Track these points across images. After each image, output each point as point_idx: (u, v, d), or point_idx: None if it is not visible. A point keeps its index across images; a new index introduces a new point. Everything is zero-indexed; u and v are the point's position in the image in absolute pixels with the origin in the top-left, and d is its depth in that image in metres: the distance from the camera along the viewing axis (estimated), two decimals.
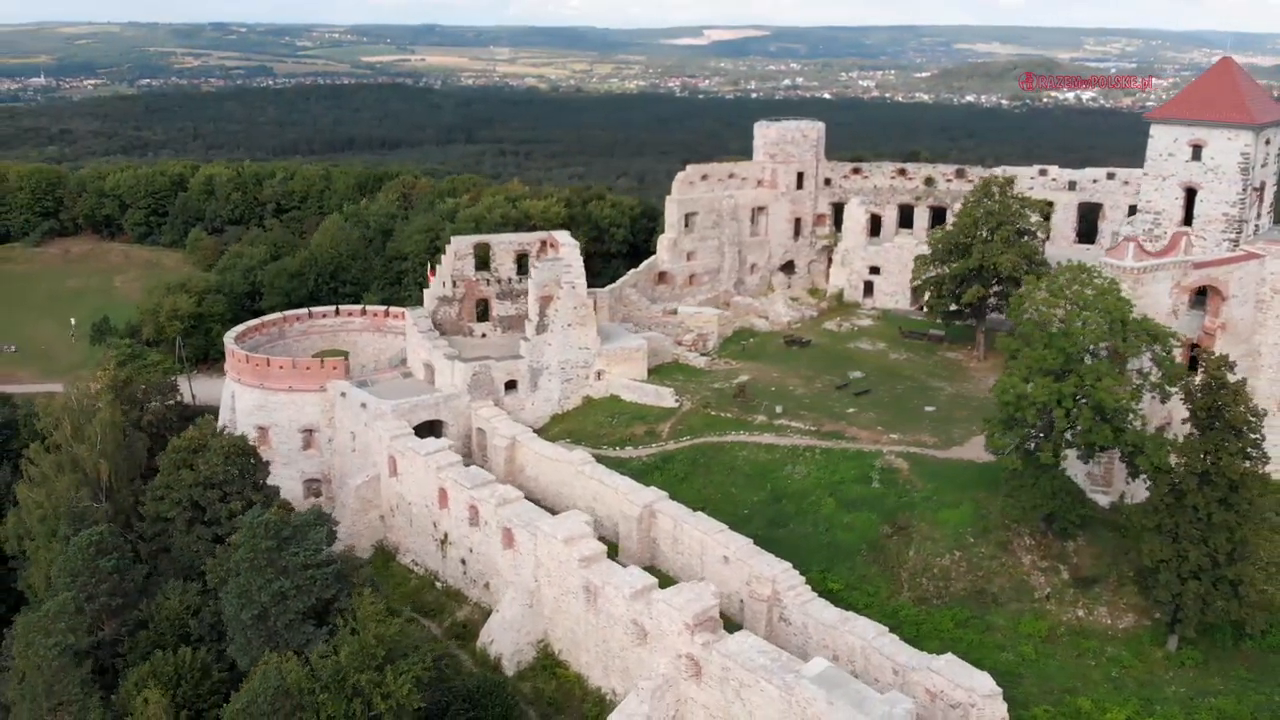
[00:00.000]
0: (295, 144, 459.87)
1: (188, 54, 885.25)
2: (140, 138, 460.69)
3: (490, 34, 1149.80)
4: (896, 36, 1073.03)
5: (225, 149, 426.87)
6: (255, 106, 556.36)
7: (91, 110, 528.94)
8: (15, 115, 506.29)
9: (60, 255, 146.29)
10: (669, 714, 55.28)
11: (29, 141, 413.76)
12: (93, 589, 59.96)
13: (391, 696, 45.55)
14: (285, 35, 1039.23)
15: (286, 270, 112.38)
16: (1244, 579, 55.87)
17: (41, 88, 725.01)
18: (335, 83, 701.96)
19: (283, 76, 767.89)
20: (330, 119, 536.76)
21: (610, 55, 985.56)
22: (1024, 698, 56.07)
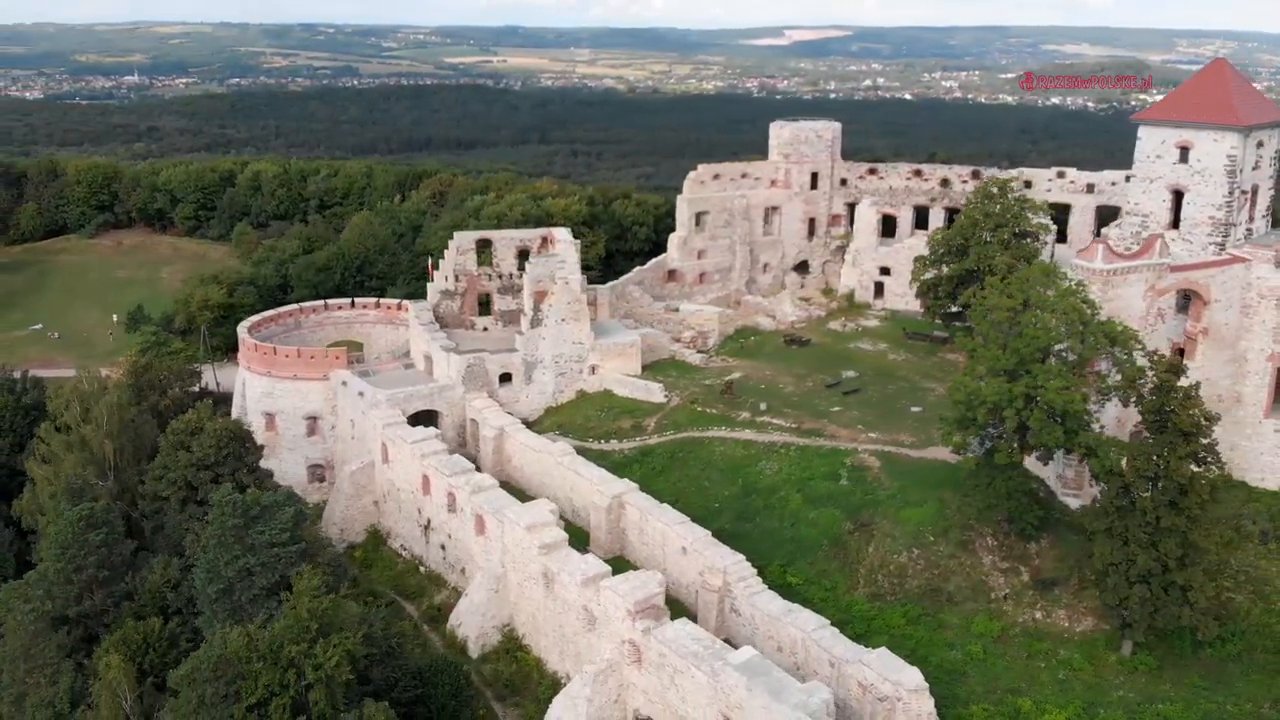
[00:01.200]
0: (374, 143, 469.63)
1: (276, 54, 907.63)
2: (225, 135, 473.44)
3: (571, 35, 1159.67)
4: (982, 37, 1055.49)
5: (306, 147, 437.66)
6: (338, 106, 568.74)
7: (180, 108, 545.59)
8: (107, 112, 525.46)
9: (113, 247, 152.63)
10: (611, 698, 56.68)
11: (118, 138, 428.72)
12: (81, 560, 63.25)
13: (322, 668, 47.65)
14: (372, 36, 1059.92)
15: (315, 264, 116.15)
16: (1193, 584, 55.35)
17: (135, 86, 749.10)
18: (417, 83, 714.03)
19: (367, 77, 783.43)
20: (410, 119, 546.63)
21: (689, 56, 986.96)
22: (965, 696, 56.42)
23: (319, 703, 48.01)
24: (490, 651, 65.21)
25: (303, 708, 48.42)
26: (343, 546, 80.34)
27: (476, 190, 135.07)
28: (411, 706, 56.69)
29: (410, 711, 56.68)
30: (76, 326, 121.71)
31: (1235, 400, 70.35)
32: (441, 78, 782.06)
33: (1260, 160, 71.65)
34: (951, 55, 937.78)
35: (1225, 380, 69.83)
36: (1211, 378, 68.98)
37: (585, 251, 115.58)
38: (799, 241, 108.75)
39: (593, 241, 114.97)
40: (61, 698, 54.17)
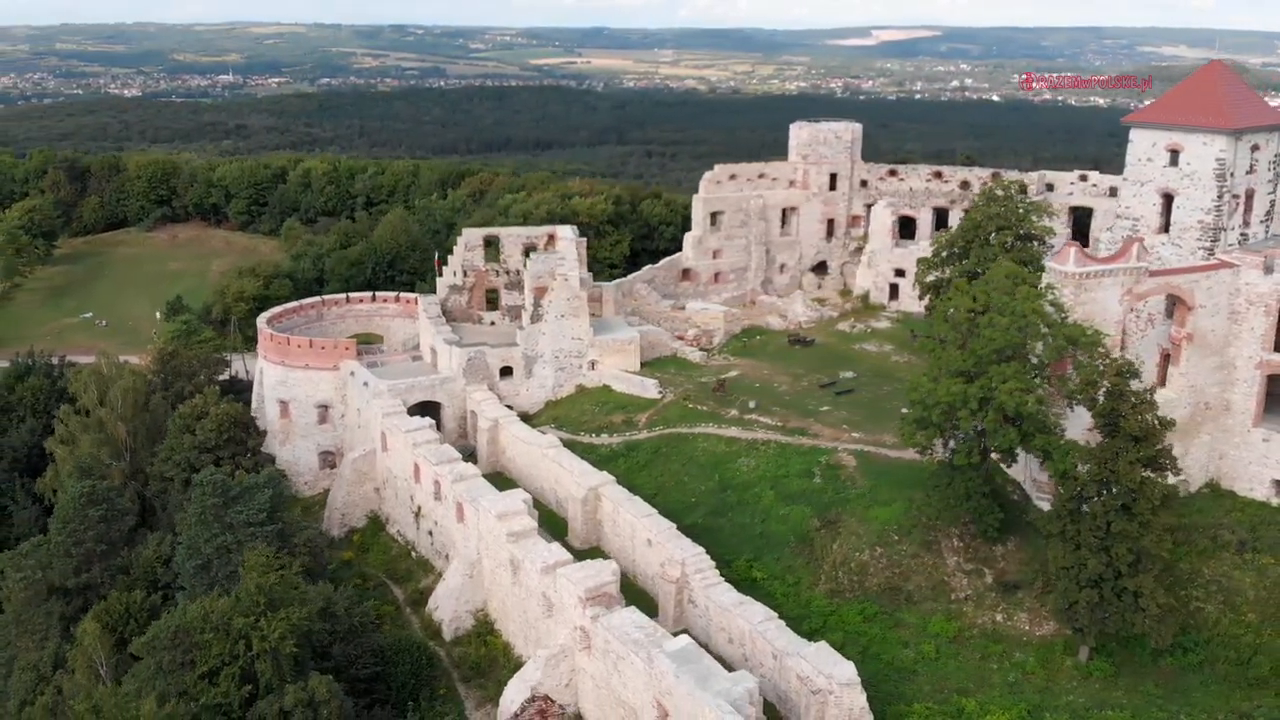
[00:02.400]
0: (455, 143, 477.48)
1: (367, 54, 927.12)
2: (310, 134, 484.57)
3: (657, 36, 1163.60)
4: (1076, 38, 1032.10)
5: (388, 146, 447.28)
6: (421, 107, 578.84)
7: (269, 107, 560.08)
8: (199, 110, 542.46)
9: (168, 240, 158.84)
10: (563, 682, 58.22)
11: (207, 135, 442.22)
12: (80, 534, 66.95)
13: (267, 639, 50.07)
14: (460, 38, 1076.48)
15: (348, 259, 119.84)
16: (1144, 591, 54.94)
17: (229, 85, 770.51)
18: (499, 84, 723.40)
19: (454, 77, 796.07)
20: (491, 120, 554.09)
21: (774, 56, 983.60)
22: (912, 695, 56.78)
23: (265, 673, 50.38)
24: (463, 635, 67.22)
25: (251, 677, 50.87)
26: (344, 531, 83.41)
27: (513, 189, 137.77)
28: (371, 683, 59.11)
29: (370, 688, 59.10)
30: (125, 316, 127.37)
31: (1224, 408, 69.16)
32: (525, 79, 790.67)
33: (1255, 164, 70.28)
34: (1043, 56, 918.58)
35: (1213, 387, 68.67)
36: (1198, 384, 68.01)
37: (610, 250, 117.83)
38: (817, 242, 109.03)
39: (617, 240, 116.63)
40: (45, 661, 57.63)
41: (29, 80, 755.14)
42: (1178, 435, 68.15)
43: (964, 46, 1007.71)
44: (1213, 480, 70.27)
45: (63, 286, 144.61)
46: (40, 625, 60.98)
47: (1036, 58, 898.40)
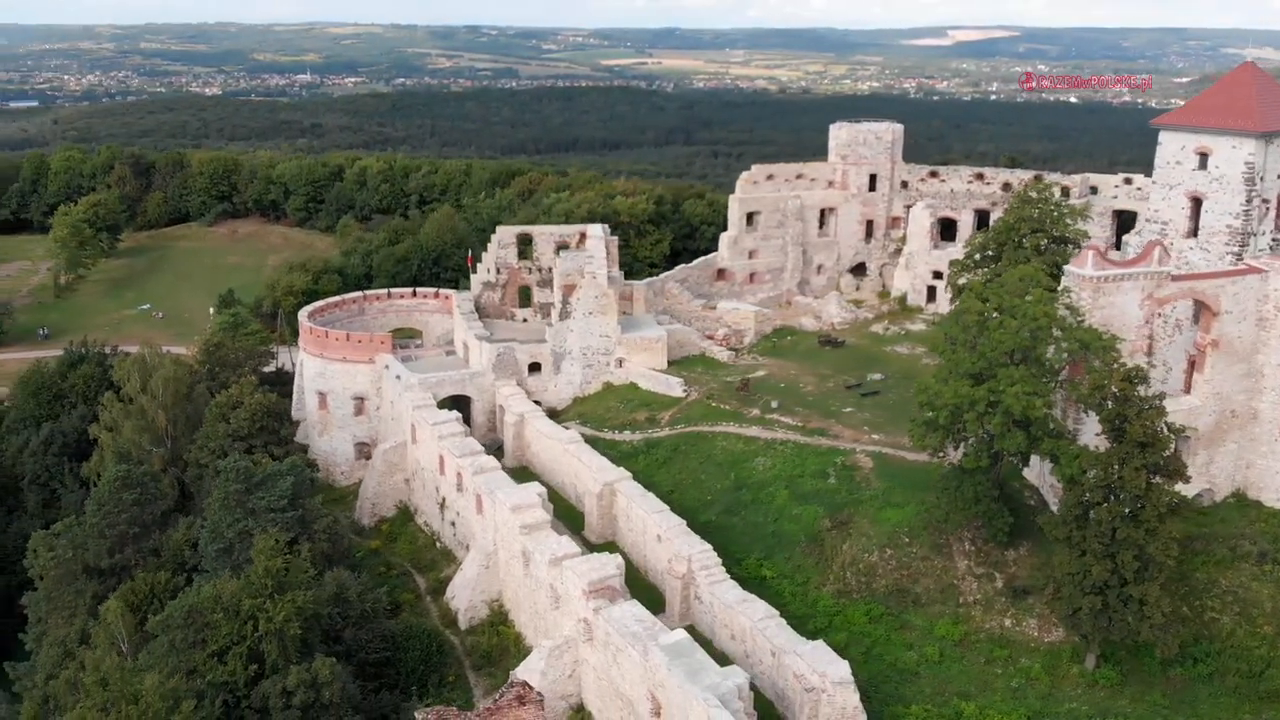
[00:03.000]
0: (523, 144, 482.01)
1: (441, 55, 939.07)
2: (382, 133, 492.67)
3: (728, 36, 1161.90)
4: (1158, 39, 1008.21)
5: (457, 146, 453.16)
6: (492, 107, 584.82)
7: (344, 107, 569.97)
8: (276, 109, 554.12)
9: (228, 235, 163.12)
10: (565, 673, 59.19)
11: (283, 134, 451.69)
12: (114, 517, 69.47)
13: (273, 621, 51.74)
14: (533, 38, 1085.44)
15: (395, 255, 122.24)
16: (1148, 599, 54.26)
17: (307, 84, 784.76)
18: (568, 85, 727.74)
19: (526, 78, 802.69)
20: (559, 120, 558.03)
21: (846, 56, 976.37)
22: (911, 696, 56.79)
23: (271, 653, 52.05)
24: (477, 624, 68.49)
25: (258, 657, 52.59)
26: (375, 520, 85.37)
27: (559, 188, 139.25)
28: (381, 668, 60.65)
29: (380, 673, 60.65)
30: (181, 308, 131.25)
31: (1251, 416, 67.87)
32: (595, 79, 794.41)
33: None
34: (1124, 57, 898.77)
35: (1240, 395, 67.43)
36: (1223, 392, 66.85)
37: (650, 250, 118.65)
38: (856, 243, 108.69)
39: (658, 240, 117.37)
40: (72, 637, 60.08)
41: (114, 78, 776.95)
42: (1203, 443, 67.53)
43: (1042, 47, 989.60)
44: (1240, 490, 69.03)
45: (124, 279, 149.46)
46: (70, 602, 63.62)
47: (1116, 59, 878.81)
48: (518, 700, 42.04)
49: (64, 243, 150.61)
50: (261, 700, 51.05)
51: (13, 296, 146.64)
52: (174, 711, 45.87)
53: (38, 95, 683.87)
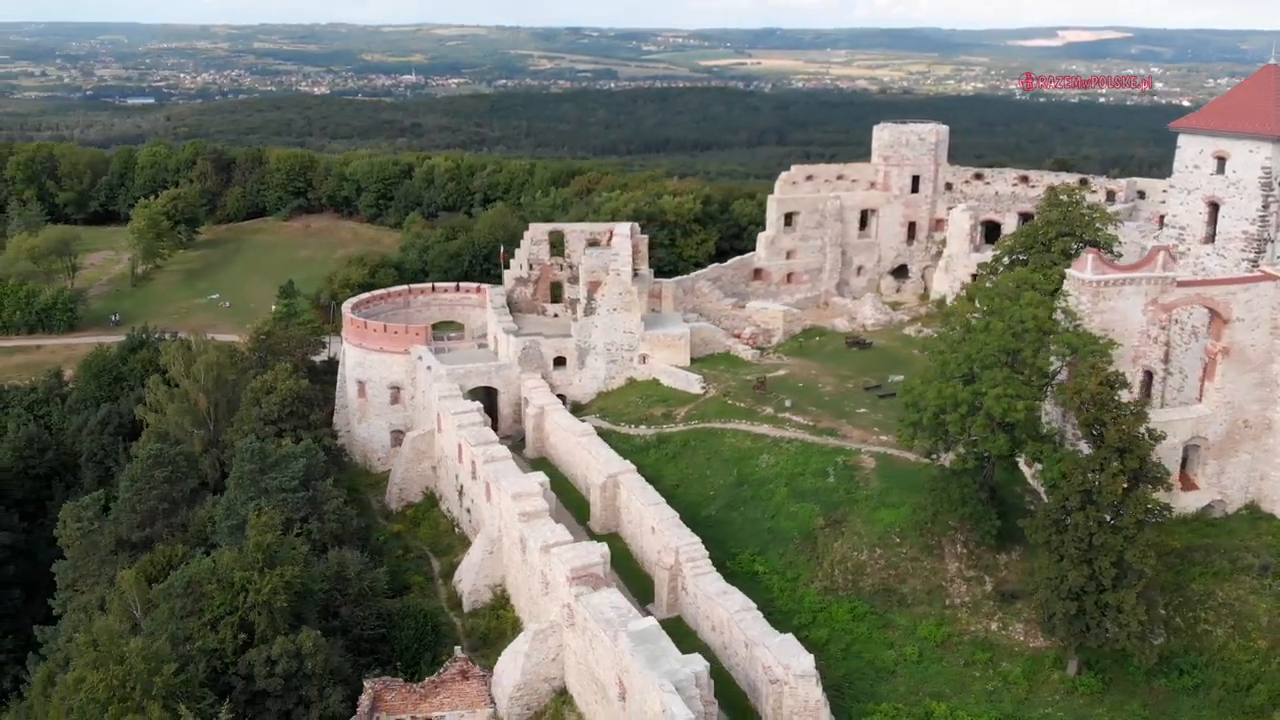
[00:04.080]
0: (615, 144, 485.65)
1: (543, 56, 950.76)
2: (479, 133, 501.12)
3: (830, 36, 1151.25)
4: None
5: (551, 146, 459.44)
6: (587, 108, 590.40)
7: (444, 107, 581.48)
8: (380, 109, 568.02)
9: (301, 229, 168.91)
10: (549, 656, 60.77)
11: (383, 133, 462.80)
12: (146, 493, 73.47)
13: (260, 593, 54.52)
14: (633, 39, 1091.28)
15: (448, 251, 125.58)
16: (1124, 606, 53.70)
17: (412, 85, 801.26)
18: (663, 85, 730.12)
19: (624, 79, 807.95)
20: (653, 121, 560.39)
21: (951, 56, 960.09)
22: (884, 694, 57.13)
23: (260, 624, 54.83)
24: (480, 607, 70.61)
25: (248, 627, 55.44)
26: (402, 505, 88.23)
27: (616, 187, 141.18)
28: (376, 644, 63.11)
29: (375, 649, 63.14)
30: (248, 298, 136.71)
31: (1265, 427, 66.31)
32: (693, 80, 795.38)
33: None
34: (1242, 60, 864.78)
35: (1254, 405, 65.91)
36: (1235, 401, 65.44)
37: (695, 249, 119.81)
38: (897, 245, 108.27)
39: (703, 239, 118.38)
40: (93, 603, 63.90)
41: (227, 77, 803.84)
42: (1213, 453, 66.30)
43: (1156, 49, 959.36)
44: (1253, 502, 67.48)
45: (199, 270, 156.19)
46: (94, 570, 67.66)
47: (1234, 61, 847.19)
48: (460, 675, 43.93)
49: (141, 234, 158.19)
50: (247, 668, 53.83)
51: (93, 284, 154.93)
52: (155, 674, 48.82)
53: (154, 92, 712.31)
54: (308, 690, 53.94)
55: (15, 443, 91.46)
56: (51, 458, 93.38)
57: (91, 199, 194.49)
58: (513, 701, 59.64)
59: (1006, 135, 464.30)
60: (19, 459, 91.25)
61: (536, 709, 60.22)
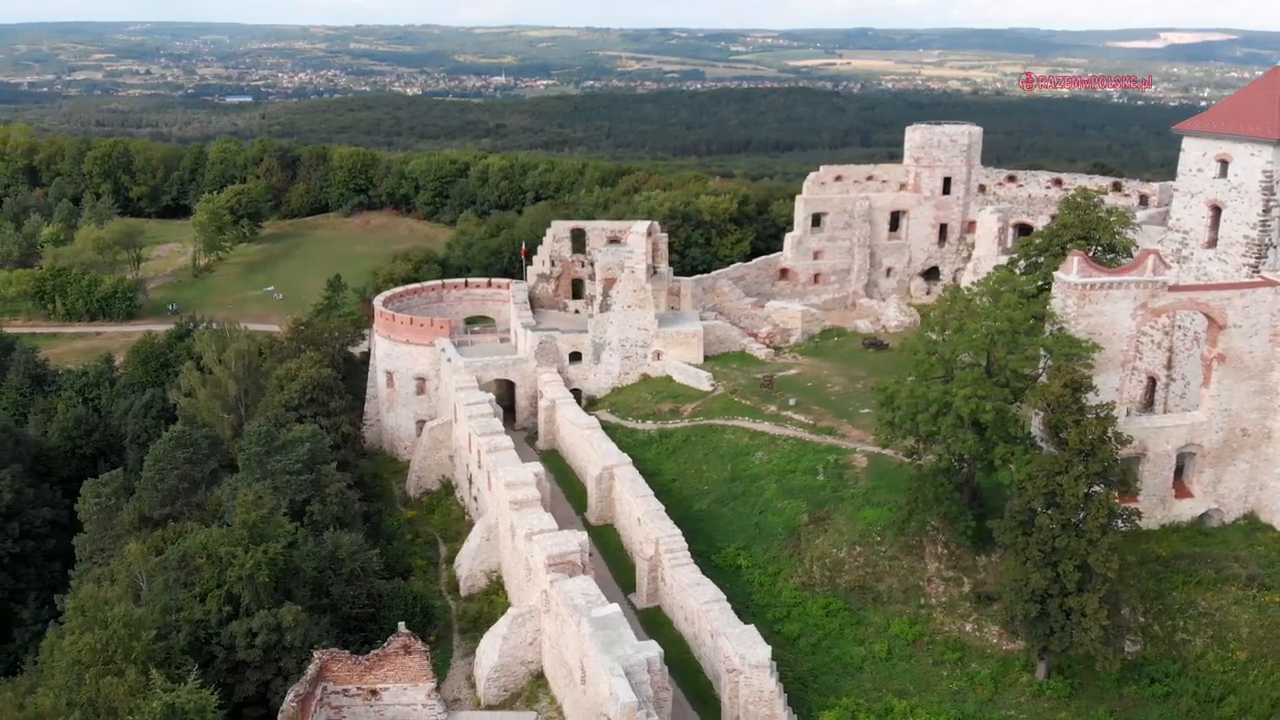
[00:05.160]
0: (695, 145, 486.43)
1: (631, 58, 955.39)
2: (561, 134, 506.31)
3: (923, 37, 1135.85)
4: None
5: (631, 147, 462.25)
6: (670, 109, 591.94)
7: (529, 108, 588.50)
8: (466, 109, 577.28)
9: (361, 225, 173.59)
10: (527, 640, 62.57)
11: (468, 133, 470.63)
12: (166, 472, 77.11)
13: (244, 568, 57.20)
14: (722, 40, 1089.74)
15: (489, 247, 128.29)
16: (1086, 610, 53.38)
17: (500, 86, 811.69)
18: (746, 86, 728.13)
19: (711, 80, 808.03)
20: (735, 121, 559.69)
21: (1047, 57, 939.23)
22: (846, 689, 57.67)
23: (245, 597, 57.54)
24: (475, 592, 72.71)
25: (234, 600, 58.20)
26: (420, 492, 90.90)
27: (662, 186, 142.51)
28: (365, 623, 65.52)
29: (364, 627, 65.56)
30: (302, 290, 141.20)
31: (1264, 436, 65.04)
32: (781, 80, 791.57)
33: None
34: None
35: (1252, 413, 64.68)
36: (1232, 409, 64.30)
37: (730, 249, 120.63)
38: (928, 247, 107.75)
39: (738, 239, 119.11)
40: (105, 575, 67.46)
41: (323, 76, 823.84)
42: (1209, 460, 65.28)
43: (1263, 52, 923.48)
44: (1252, 512, 66.24)
45: (259, 263, 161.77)
46: (110, 545, 71.36)
47: None
48: (403, 650, 45.82)
49: (203, 227, 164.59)
50: (229, 639, 56.47)
51: (157, 275, 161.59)
52: (135, 639, 51.73)
53: (252, 91, 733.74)
54: (286, 662, 56.33)
55: (63, 423, 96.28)
56: (98, 439, 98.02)
57: (164, 193, 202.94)
58: (490, 683, 61.74)
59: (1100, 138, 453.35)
60: (66, 439, 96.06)
61: (513, 690, 62.14)
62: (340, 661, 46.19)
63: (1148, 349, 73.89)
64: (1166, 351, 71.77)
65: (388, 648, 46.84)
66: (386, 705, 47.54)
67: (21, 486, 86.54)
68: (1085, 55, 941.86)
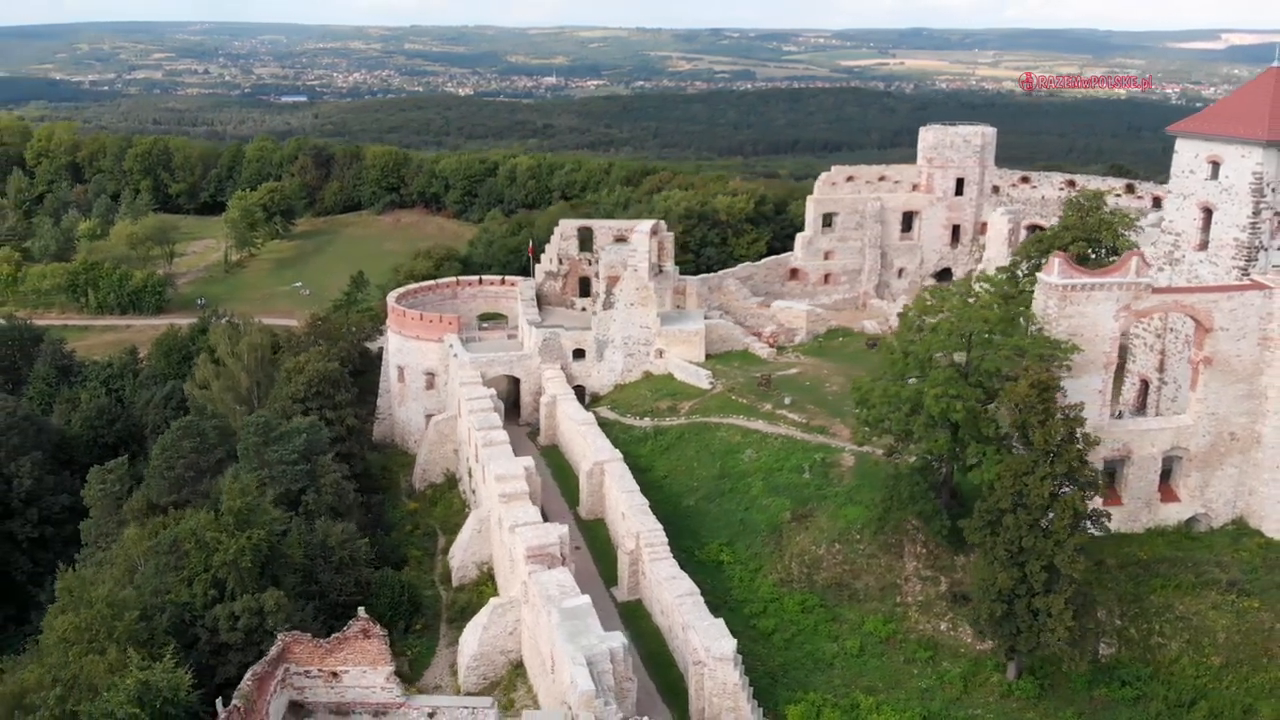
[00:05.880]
0: (742, 145, 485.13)
1: (682, 58, 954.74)
2: (607, 134, 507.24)
3: (979, 37, 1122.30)
4: None
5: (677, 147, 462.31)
6: (718, 109, 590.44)
7: (576, 108, 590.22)
8: (515, 110, 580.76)
9: (392, 224, 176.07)
10: (507, 630, 63.61)
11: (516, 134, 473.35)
12: (173, 461, 79.28)
13: (227, 552, 58.86)
14: (774, 40, 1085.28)
15: (507, 246, 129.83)
16: (1053, 611, 53.37)
17: (551, 86, 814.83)
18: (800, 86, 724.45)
19: (762, 80, 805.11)
20: (784, 121, 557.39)
21: (1105, 58, 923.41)
22: (815, 684, 58.18)
23: (230, 582, 59.25)
24: (466, 582, 73.90)
25: (220, 585, 59.94)
26: (425, 485, 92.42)
27: (684, 186, 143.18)
28: (352, 610, 66.85)
29: (350, 613, 66.91)
30: (329, 286, 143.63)
31: (1254, 441, 64.54)
32: (832, 80, 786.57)
33: None
34: None
35: (1240, 418, 64.20)
36: (1219, 413, 63.94)
37: (746, 249, 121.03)
38: (941, 248, 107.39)
39: (754, 239, 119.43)
40: (106, 560, 69.70)
41: (377, 77, 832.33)
42: (1196, 464, 64.92)
43: None
44: (1240, 517, 65.78)
45: (290, 259, 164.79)
46: (114, 530, 73.64)
47: None
48: (362, 633, 47.10)
49: (234, 224, 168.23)
50: (213, 621, 58.21)
51: (190, 270, 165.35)
52: (118, 619, 53.59)
53: (307, 90, 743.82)
54: (267, 645, 57.44)
55: (86, 413, 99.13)
56: (119, 429, 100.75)
57: (202, 190, 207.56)
58: (469, 671, 62.95)
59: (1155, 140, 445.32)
60: (88, 428, 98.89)
61: (493, 679, 63.23)
62: (302, 644, 47.61)
63: (1140, 352, 73.57)
64: (1159, 354, 71.25)
65: (347, 631, 48.21)
66: (347, 687, 48.88)
67: (41, 473, 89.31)
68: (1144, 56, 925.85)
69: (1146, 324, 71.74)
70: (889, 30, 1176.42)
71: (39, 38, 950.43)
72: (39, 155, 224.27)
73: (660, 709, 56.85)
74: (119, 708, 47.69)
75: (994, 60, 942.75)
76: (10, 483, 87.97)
